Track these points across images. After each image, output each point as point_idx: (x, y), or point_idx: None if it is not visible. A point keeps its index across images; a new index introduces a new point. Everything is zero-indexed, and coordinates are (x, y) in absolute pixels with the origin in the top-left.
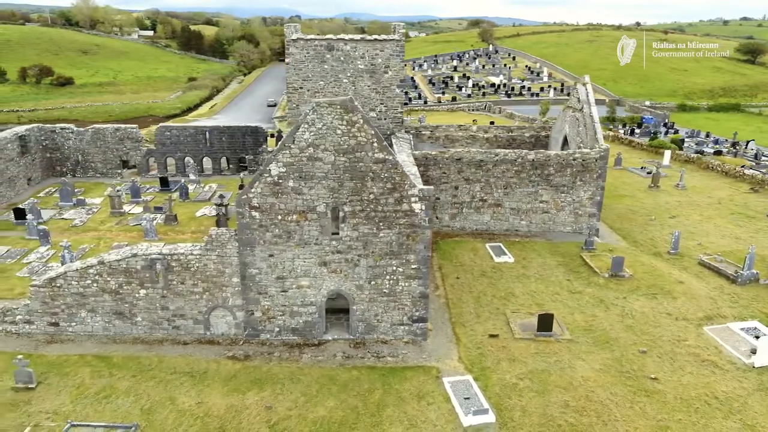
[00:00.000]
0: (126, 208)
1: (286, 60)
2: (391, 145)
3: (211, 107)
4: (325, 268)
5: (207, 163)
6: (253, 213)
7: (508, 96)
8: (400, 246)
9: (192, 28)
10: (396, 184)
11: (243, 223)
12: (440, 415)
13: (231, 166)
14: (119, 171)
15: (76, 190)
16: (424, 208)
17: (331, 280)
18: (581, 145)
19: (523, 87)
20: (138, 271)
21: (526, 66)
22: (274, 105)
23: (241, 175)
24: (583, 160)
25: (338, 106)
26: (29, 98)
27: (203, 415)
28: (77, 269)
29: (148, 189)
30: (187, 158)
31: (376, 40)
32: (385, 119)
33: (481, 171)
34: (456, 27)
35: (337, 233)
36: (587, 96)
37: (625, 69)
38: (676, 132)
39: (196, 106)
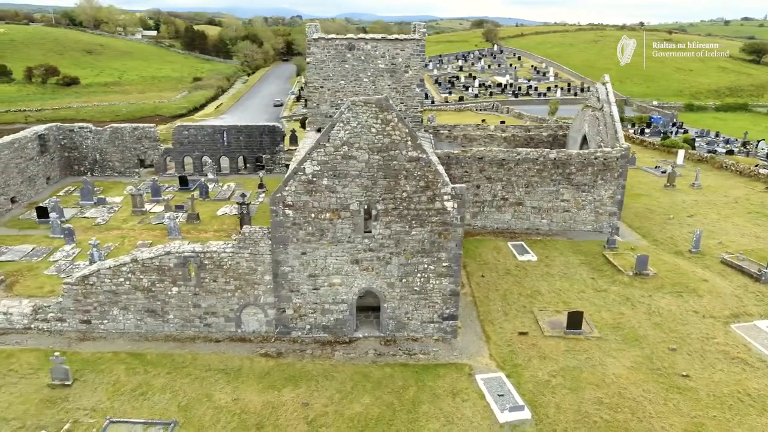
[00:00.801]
0: (146, 206)
1: (307, 59)
2: None
3: (217, 107)
4: (357, 266)
5: (224, 162)
6: (287, 211)
7: (516, 96)
8: (431, 244)
9: (195, 28)
10: (429, 182)
11: (277, 221)
12: (476, 412)
13: (248, 165)
14: (136, 170)
15: (95, 189)
16: (456, 206)
17: (362, 278)
18: (601, 144)
19: (530, 87)
20: (171, 269)
21: (532, 66)
22: (281, 105)
23: (260, 174)
24: (604, 159)
25: (373, 105)
26: (36, 98)
27: (240, 412)
28: (110, 267)
29: (167, 188)
30: (204, 157)
31: (396, 39)
32: (405, 118)
33: (502, 170)
34: (457, 27)
35: (370, 231)
36: (607, 95)
37: (631, 69)
38: (686, 132)
39: (202, 106)
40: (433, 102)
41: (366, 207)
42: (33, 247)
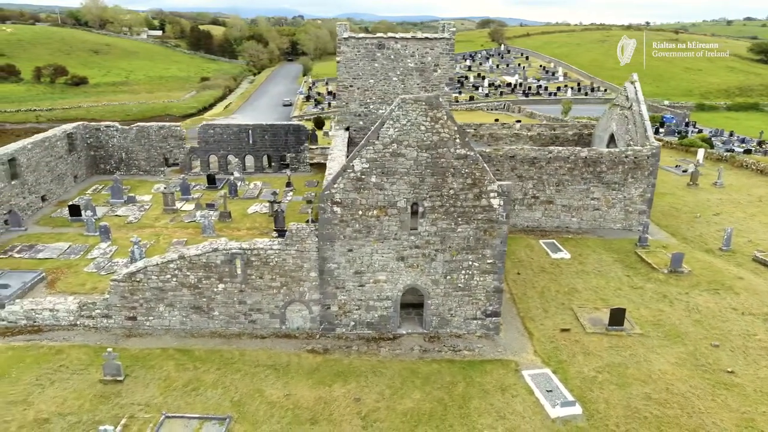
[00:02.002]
0: (177, 205)
1: (337, 58)
2: None
3: (226, 107)
4: (403, 263)
5: (248, 161)
6: (335, 208)
7: (526, 95)
8: (477, 241)
9: (200, 28)
10: (476, 180)
11: (325, 218)
12: (526, 407)
13: (273, 164)
14: (162, 169)
15: (123, 188)
16: (502, 203)
17: (407, 275)
18: (631, 142)
19: (540, 86)
20: (218, 266)
21: (540, 65)
22: (290, 105)
23: (288, 172)
24: (635, 158)
25: (423, 103)
26: (45, 98)
27: (293, 407)
28: (157, 264)
29: (194, 186)
30: (229, 156)
31: (426, 38)
32: None
33: (534, 168)
34: (459, 27)
35: (416, 228)
36: (636, 94)
37: (639, 69)
38: (700, 131)
39: (211, 106)
40: None
41: (412, 204)
42: (69, 245)
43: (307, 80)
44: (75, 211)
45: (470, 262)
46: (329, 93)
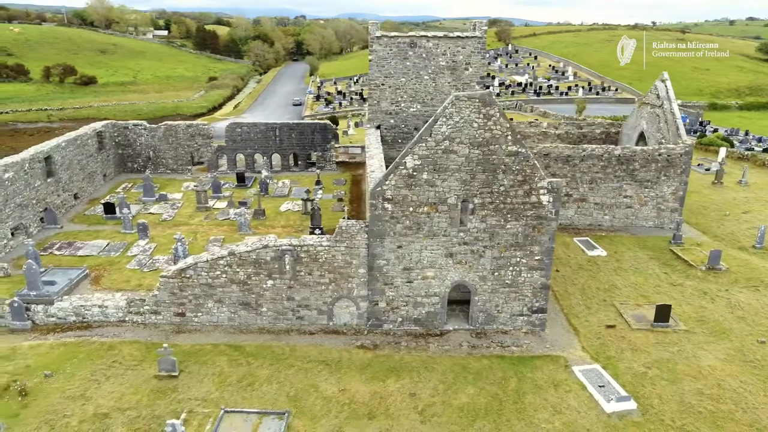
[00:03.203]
0: (209, 203)
1: (369, 57)
2: None
3: (235, 106)
4: (451, 260)
5: (275, 159)
6: (386, 205)
7: (537, 95)
8: (525, 237)
9: (206, 28)
10: (526, 177)
11: (375, 214)
12: (581, 402)
13: (300, 162)
14: (189, 167)
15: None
16: (551, 200)
17: (455, 271)
18: (663, 140)
19: (550, 86)
20: (267, 262)
21: (550, 65)
22: (300, 104)
23: (317, 171)
24: (668, 156)
25: (477, 100)
26: (55, 97)
27: (349, 402)
28: (207, 260)
29: (224, 185)
30: (256, 155)
31: (458, 37)
32: None
33: (567, 166)
34: (462, 27)
35: (465, 225)
36: (667, 92)
37: (649, 68)
38: (716, 130)
39: (221, 105)
40: None
41: (462, 201)
42: (108, 243)
43: (314, 80)
44: (109, 209)
45: (518, 259)
46: (339, 92)
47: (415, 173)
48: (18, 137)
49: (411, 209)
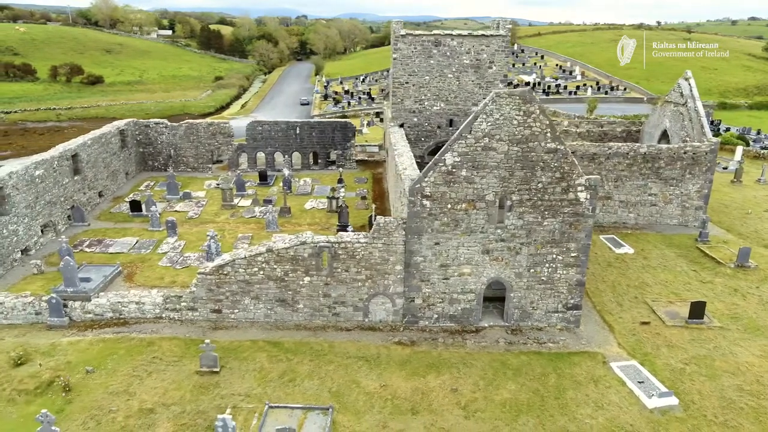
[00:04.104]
0: (233, 201)
1: (393, 55)
2: None
3: (242, 106)
4: (488, 256)
5: (295, 157)
6: (424, 202)
7: (546, 94)
8: (562, 234)
9: (210, 27)
10: (564, 174)
11: (414, 211)
12: (622, 398)
13: (320, 160)
14: (209, 165)
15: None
16: (589, 197)
17: (491, 268)
18: (687, 138)
19: (558, 85)
20: (304, 259)
21: (557, 65)
22: (307, 104)
23: (340, 169)
24: (693, 154)
25: (517, 97)
26: (62, 96)
27: (391, 397)
28: (245, 257)
29: (246, 183)
30: (276, 153)
31: (482, 35)
32: None
33: (593, 164)
34: (462, 27)
35: (502, 222)
36: (691, 90)
37: (658, 68)
38: (728, 129)
39: (228, 105)
40: None
41: (500, 198)
42: (137, 240)
43: (320, 79)
44: (135, 206)
45: (554, 256)
46: (346, 92)
47: (454, 170)
48: (28, 136)
49: (449, 206)
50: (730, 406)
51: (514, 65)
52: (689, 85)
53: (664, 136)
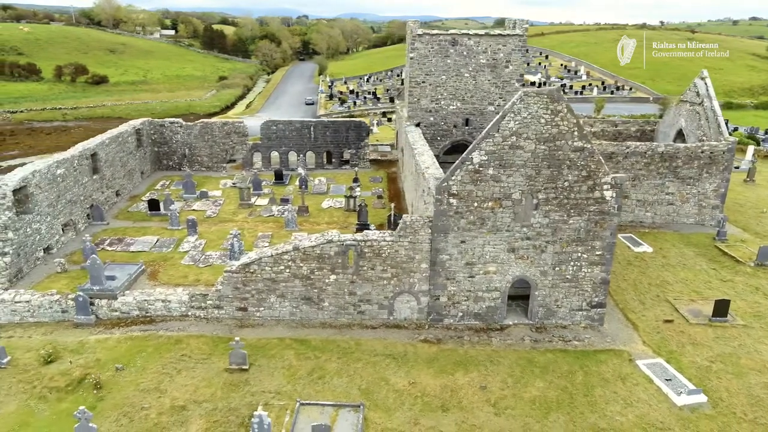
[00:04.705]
0: (251, 199)
1: (410, 55)
2: None
3: (247, 106)
4: (513, 255)
5: (309, 157)
6: (451, 200)
7: None
8: (587, 233)
9: (213, 27)
10: (591, 172)
11: (440, 210)
12: (650, 395)
13: (334, 160)
14: (224, 165)
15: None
16: (614, 195)
17: (517, 266)
18: (703, 138)
19: (564, 85)
20: (330, 257)
21: (561, 64)
22: (312, 103)
23: (355, 168)
24: (711, 153)
25: (545, 96)
26: (67, 96)
27: (420, 395)
28: (272, 255)
29: (262, 182)
30: (290, 152)
31: (499, 35)
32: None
33: (611, 163)
34: (463, 27)
35: (528, 220)
36: (707, 90)
37: (663, 68)
38: (736, 129)
39: (233, 105)
40: None
41: (527, 196)
42: (157, 239)
43: (324, 79)
44: (153, 205)
45: (579, 254)
46: (351, 92)
47: (481, 168)
48: (35, 136)
49: (475, 204)
50: (758, 403)
51: None
52: (705, 84)
53: (679, 136)
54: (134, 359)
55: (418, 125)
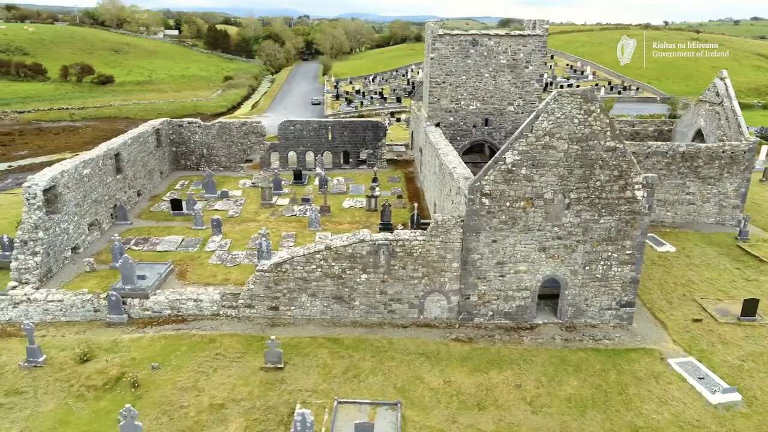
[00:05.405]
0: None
1: (431, 55)
2: None
3: (254, 106)
4: (544, 254)
5: (326, 157)
6: (483, 200)
7: None
8: (618, 232)
9: (217, 27)
10: (623, 172)
11: (472, 209)
12: (684, 394)
13: (351, 159)
14: (242, 165)
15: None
16: (646, 195)
17: (547, 266)
18: (723, 138)
19: (570, 85)
20: (362, 257)
21: (567, 64)
22: (319, 103)
23: (375, 168)
24: (732, 153)
25: (579, 96)
26: (74, 96)
27: (456, 393)
28: (304, 254)
29: (282, 182)
30: (308, 152)
31: (519, 35)
32: (522, 113)
33: None
34: (464, 27)
35: (560, 219)
36: (727, 90)
37: (669, 68)
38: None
39: (239, 105)
40: None
41: (558, 196)
42: (182, 238)
43: (329, 79)
44: (176, 205)
45: (609, 253)
46: (357, 92)
47: (513, 168)
48: (44, 136)
49: (507, 204)
50: None
51: None
52: (725, 84)
53: (698, 136)
54: (169, 358)
55: (437, 125)
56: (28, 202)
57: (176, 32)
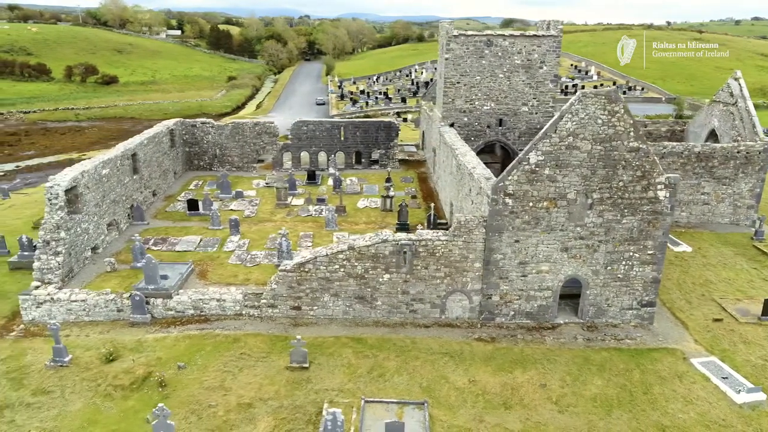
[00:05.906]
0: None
1: (446, 56)
2: None
3: (258, 106)
4: (566, 254)
5: (339, 157)
6: (507, 200)
7: (564, 94)
8: (640, 232)
9: (219, 28)
10: (645, 172)
11: (495, 209)
12: (709, 393)
13: (363, 160)
14: (254, 165)
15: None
16: (668, 195)
17: (569, 266)
18: (738, 138)
19: (575, 85)
20: (385, 257)
21: (571, 64)
22: (323, 104)
23: (388, 168)
24: (747, 153)
25: (603, 97)
26: (78, 96)
27: (481, 392)
28: (327, 254)
29: (296, 182)
30: (321, 152)
31: (534, 36)
32: (536, 113)
33: None
34: (465, 27)
35: (582, 220)
36: (741, 90)
37: (673, 68)
38: None
39: (243, 105)
40: None
41: (582, 196)
42: (200, 238)
43: (333, 79)
44: (192, 205)
45: (631, 253)
46: (362, 92)
47: (537, 169)
48: (50, 136)
49: (530, 204)
50: None
51: None
52: (739, 85)
53: (712, 136)
54: (194, 358)
55: (452, 125)
56: (50, 202)
57: (179, 32)
